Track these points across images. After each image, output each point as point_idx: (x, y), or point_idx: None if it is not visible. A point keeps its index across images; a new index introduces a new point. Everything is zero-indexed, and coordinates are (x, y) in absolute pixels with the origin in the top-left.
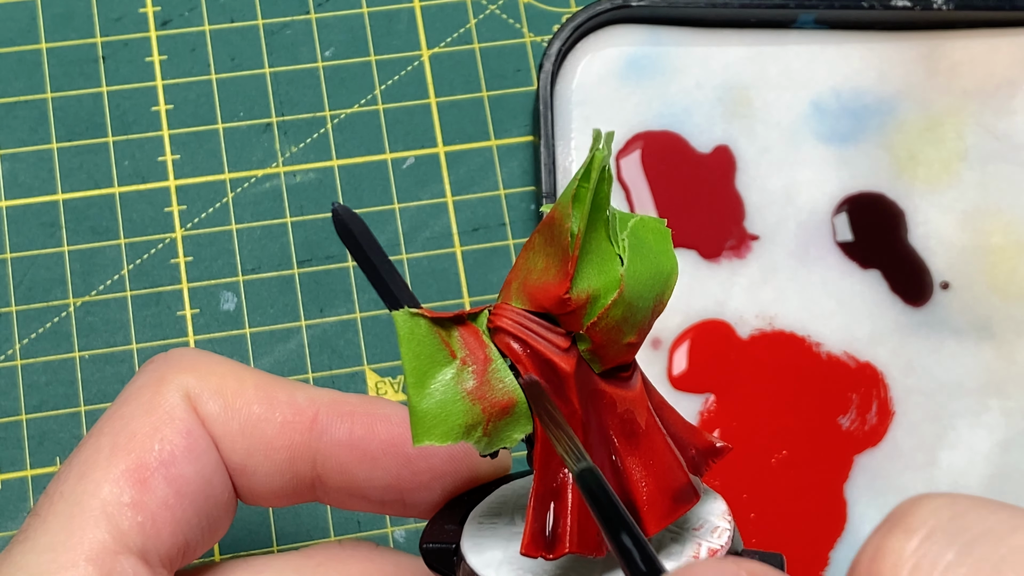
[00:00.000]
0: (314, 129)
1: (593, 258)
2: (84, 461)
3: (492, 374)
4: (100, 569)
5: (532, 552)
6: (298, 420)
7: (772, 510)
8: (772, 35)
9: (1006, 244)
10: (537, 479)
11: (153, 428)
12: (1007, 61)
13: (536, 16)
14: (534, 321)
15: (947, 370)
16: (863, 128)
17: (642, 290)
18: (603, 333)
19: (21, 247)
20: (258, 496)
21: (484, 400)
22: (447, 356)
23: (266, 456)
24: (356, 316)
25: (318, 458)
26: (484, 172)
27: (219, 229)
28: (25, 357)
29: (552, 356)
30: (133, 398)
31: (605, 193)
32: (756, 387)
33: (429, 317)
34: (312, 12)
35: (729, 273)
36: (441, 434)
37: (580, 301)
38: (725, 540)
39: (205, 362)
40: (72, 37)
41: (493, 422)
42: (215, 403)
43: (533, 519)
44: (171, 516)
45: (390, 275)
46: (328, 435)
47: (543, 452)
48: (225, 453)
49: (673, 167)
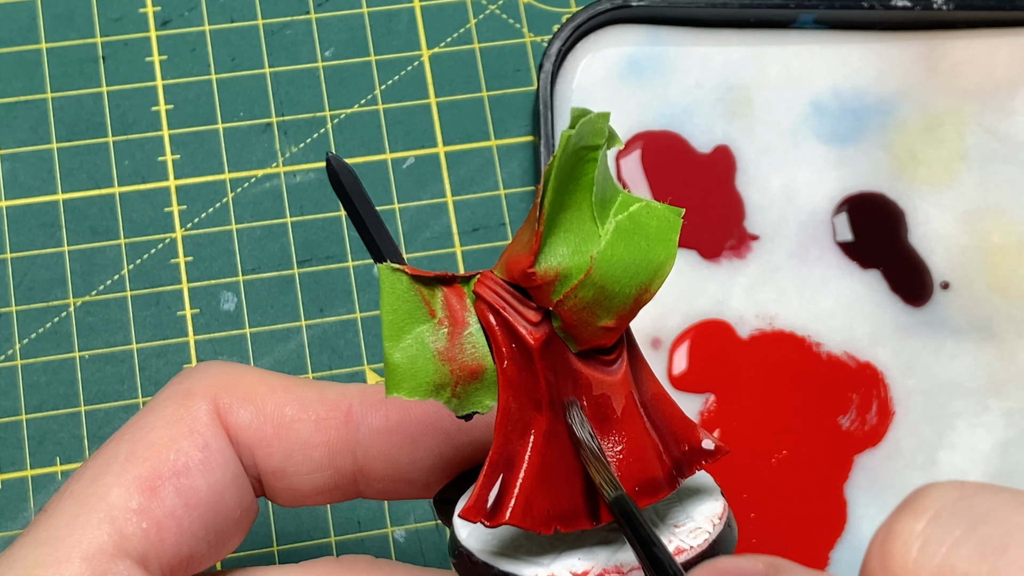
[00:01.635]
0: (314, 129)
1: (570, 236)
2: (99, 464)
3: (466, 338)
4: (93, 569)
5: (471, 516)
6: (333, 416)
7: (772, 510)
8: (772, 35)
9: (1006, 244)
10: (494, 447)
11: (171, 439)
12: (1007, 61)
13: (536, 16)
14: (511, 293)
15: (947, 370)
16: (863, 128)
17: (620, 275)
18: (572, 312)
19: (21, 247)
20: (301, 496)
21: (453, 362)
22: (426, 314)
23: (305, 456)
24: (356, 316)
25: (358, 450)
26: (484, 172)
27: (219, 229)
28: (25, 357)
29: (520, 328)
30: (157, 409)
31: (590, 174)
32: (756, 387)
33: (410, 274)
34: (312, 12)
35: (729, 273)
36: (410, 388)
37: (547, 277)
38: (699, 542)
39: (232, 372)
40: (72, 37)
41: (461, 384)
42: (246, 411)
43: (482, 485)
44: (177, 526)
45: (377, 229)
46: (365, 425)
47: (503, 422)
48: (262, 459)
49: (673, 167)
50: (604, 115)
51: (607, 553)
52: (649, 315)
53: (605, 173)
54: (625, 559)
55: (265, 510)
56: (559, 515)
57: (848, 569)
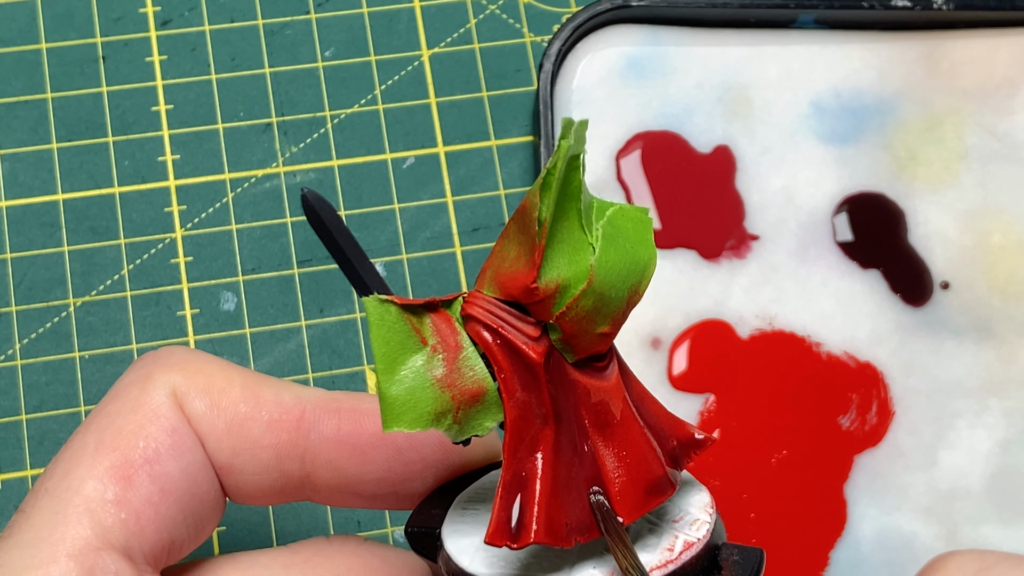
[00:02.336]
0: (314, 129)
1: (564, 247)
2: (69, 458)
3: (463, 362)
4: (81, 565)
5: (497, 541)
6: (285, 419)
7: (772, 510)
8: (772, 35)
9: (1006, 244)
10: (505, 468)
11: (138, 426)
12: (1007, 61)
13: (536, 16)
14: (505, 310)
15: (947, 370)
16: (863, 128)
17: (615, 280)
18: (573, 323)
19: (21, 247)
20: (246, 495)
21: (454, 387)
22: (418, 343)
23: (252, 455)
24: (356, 316)
25: (307, 456)
26: (484, 172)
27: (219, 229)
28: (25, 357)
29: (521, 345)
30: (120, 395)
31: (576, 182)
32: (756, 387)
33: (399, 304)
34: (312, 12)
35: (729, 273)
36: (410, 420)
37: (549, 291)
38: (704, 533)
39: (193, 360)
40: (72, 37)
41: (463, 409)
42: (201, 402)
43: (500, 508)
44: (155, 513)
45: (360, 261)
46: (316, 432)
47: (512, 441)
48: (211, 452)
49: (673, 167)
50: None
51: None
52: (649, 315)
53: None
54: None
55: (265, 510)
56: (576, 527)
57: (848, 569)
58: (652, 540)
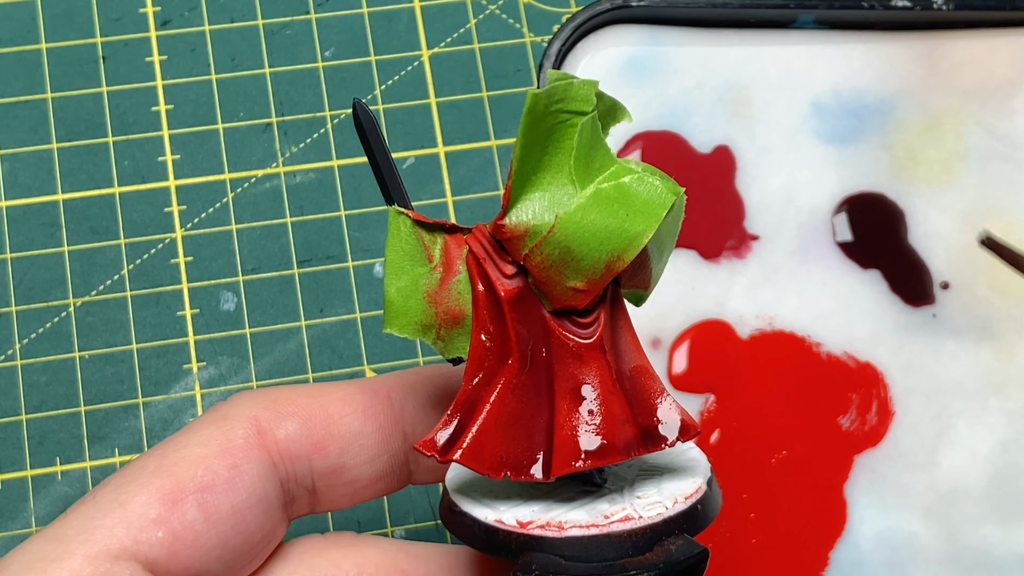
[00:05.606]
0: (314, 129)
1: (545, 196)
2: (126, 474)
3: (454, 284)
4: (94, 567)
5: (425, 449)
6: (376, 402)
7: (772, 510)
8: (772, 35)
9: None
10: (461, 390)
11: (201, 457)
12: (1007, 61)
13: (536, 16)
14: (494, 246)
15: (947, 370)
16: (863, 128)
17: (587, 238)
18: (539, 269)
19: (21, 247)
20: (360, 488)
21: (439, 305)
22: (424, 258)
23: (361, 446)
24: (356, 316)
25: (407, 428)
26: (484, 172)
27: (219, 229)
28: (25, 357)
29: (495, 279)
30: (192, 430)
31: (570, 138)
32: (756, 387)
33: (413, 218)
34: (312, 12)
35: (729, 273)
36: (400, 326)
37: (516, 231)
38: (651, 514)
39: (266, 393)
40: (72, 37)
41: (445, 328)
42: (291, 422)
43: (442, 422)
44: (194, 540)
45: (390, 174)
46: (410, 402)
47: (471, 367)
48: (318, 462)
49: (673, 167)
50: (589, 82)
51: (560, 510)
52: (649, 315)
53: (597, 140)
54: (570, 517)
55: None
56: (512, 463)
57: (848, 569)
58: (604, 504)
